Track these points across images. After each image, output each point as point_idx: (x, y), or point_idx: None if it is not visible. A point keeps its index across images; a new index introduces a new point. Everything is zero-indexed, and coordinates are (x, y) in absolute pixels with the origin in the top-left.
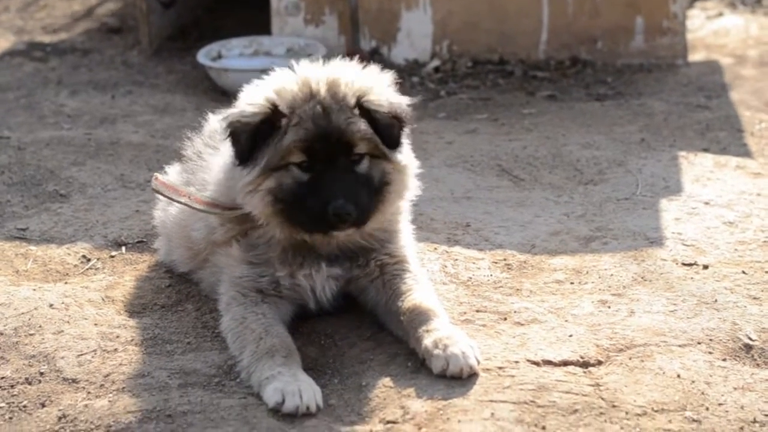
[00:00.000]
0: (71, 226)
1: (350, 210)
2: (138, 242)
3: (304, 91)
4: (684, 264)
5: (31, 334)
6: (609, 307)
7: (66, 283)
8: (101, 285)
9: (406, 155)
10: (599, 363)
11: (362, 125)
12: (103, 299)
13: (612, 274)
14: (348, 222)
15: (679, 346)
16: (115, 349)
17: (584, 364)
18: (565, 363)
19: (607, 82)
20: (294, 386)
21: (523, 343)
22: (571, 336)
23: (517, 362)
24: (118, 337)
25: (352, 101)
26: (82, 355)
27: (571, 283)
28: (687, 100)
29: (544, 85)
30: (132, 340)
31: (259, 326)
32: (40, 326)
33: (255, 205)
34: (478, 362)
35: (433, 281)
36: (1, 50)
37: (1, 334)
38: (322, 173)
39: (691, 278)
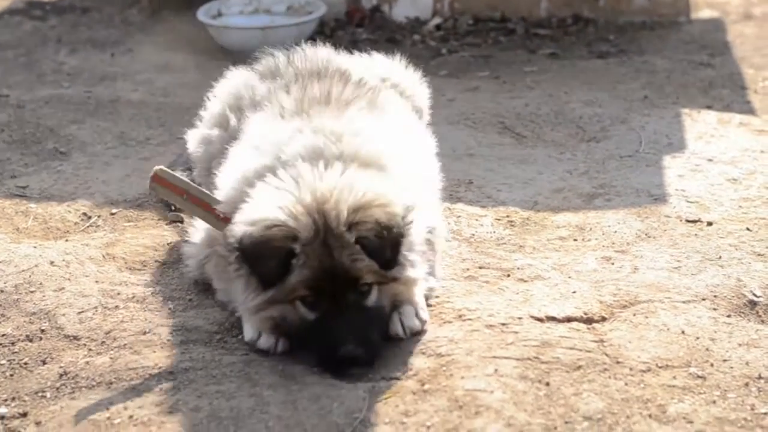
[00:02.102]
0: (71, 183)
1: (360, 353)
2: (138, 199)
3: (314, 222)
4: (688, 221)
5: (31, 291)
6: (613, 264)
7: (66, 240)
8: (102, 242)
9: (412, 263)
10: (603, 319)
11: (366, 260)
12: (103, 256)
13: (615, 231)
14: (359, 365)
15: (684, 302)
16: (116, 306)
17: (588, 321)
18: (569, 319)
19: (610, 39)
20: None
21: (527, 300)
22: (574, 292)
23: (520, 318)
24: (119, 294)
25: (348, 235)
26: (83, 312)
27: (575, 239)
28: (690, 58)
29: (545, 43)
30: (133, 297)
31: None
32: (40, 283)
33: (255, 323)
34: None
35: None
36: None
37: (2, 291)
38: (330, 313)
39: (695, 235)
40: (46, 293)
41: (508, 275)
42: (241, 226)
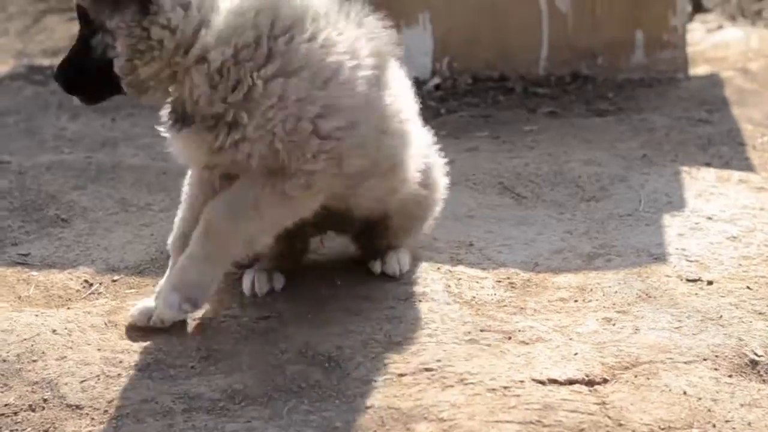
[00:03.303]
0: (73, 250)
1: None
2: (140, 266)
3: None
4: (688, 280)
5: (34, 361)
6: (614, 325)
7: (68, 308)
8: (104, 310)
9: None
10: (605, 381)
11: None
12: (105, 324)
13: (616, 291)
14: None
15: (685, 362)
16: (119, 375)
17: (590, 383)
18: (571, 381)
19: (608, 97)
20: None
21: (528, 362)
22: (576, 354)
23: (522, 381)
24: (121, 362)
25: None
26: (85, 380)
27: (576, 301)
28: (688, 115)
29: (545, 102)
30: (135, 365)
31: None
32: (43, 352)
33: None
34: None
35: (437, 301)
36: (0, 74)
37: (4, 360)
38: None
39: (696, 294)
40: (49, 362)
41: (510, 338)
42: None
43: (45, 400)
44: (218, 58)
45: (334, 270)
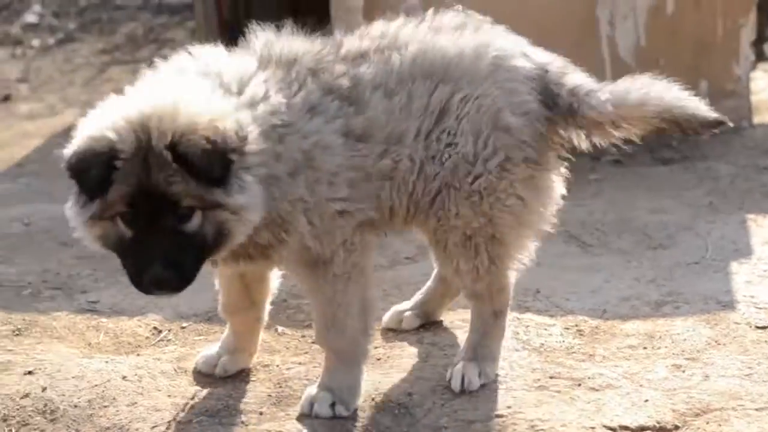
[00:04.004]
0: (142, 298)
1: (168, 277)
2: (208, 313)
3: (136, 137)
4: (757, 327)
5: (105, 406)
6: (683, 372)
7: (138, 354)
8: (173, 356)
9: (244, 188)
10: (676, 428)
11: (186, 183)
12: (175, 370)
13: (685, 339)
14: (167, 289)
15: (756, 409)
16: (189, 421)
17: (661, 429)
18: (642, 428)
19: (673, 145)
20: None
21: (599, 409)
22: (646, 401)
23: (593, 428)
24: (192, 408)
25: (166, 153)
26: (156, 426)
27: (645, 348)
28: (753, 163)
29: (609, 150)
30: (206, 411)
31: None
32: (113, 398)
33: (90, 243)
34: None
35: (506, 348)
36: (67, 124)
37: (76, 406)
38: (145, 233)
39: (766, 341)
40: (120, 408)
41: (579, 384)
42: (72, 143)
43: None
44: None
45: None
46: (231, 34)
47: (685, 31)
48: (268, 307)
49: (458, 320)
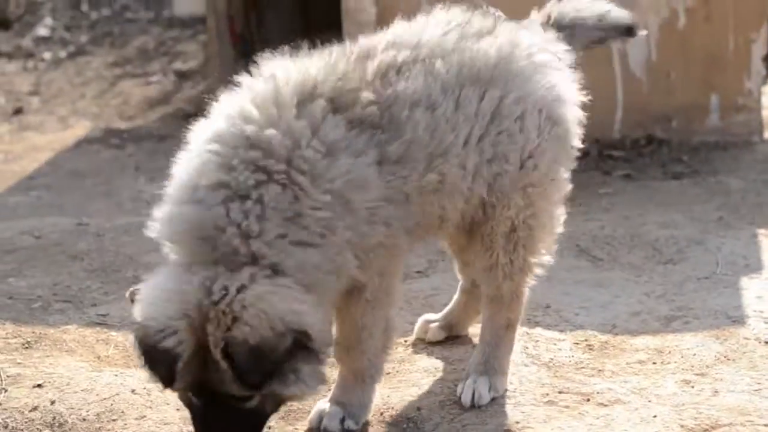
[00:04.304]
0: None
1: None
2: None
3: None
4: (767, 342)
5: (113, 420)
6: (693, 387)
7: None
8: None
9: (301, 378)
10: None
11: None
12: None
13: (695, 354)
14: None
15: (765, 425)
16: None
17: None
18: None
19: (683, 160)
20: None
21: (608, 425)
22: (655, 416)
23: None
24: None
25: (223, 363)
26: None
27: (654, 363)
28: (764, 177)
29: (619, 165)
30: None
31: None
32: (122, 411)
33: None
34: None
35: (515, 363)
36: (78, 137)
37: (84, 419)
38: (210, 405)
39: None
40: (128, 422)
41: (588, 400)
42: (140, 317)
43: None
44: None
45: (411, 331)
46: (243, 48)
47: (696, 46)
48: None
49: (469, 335)
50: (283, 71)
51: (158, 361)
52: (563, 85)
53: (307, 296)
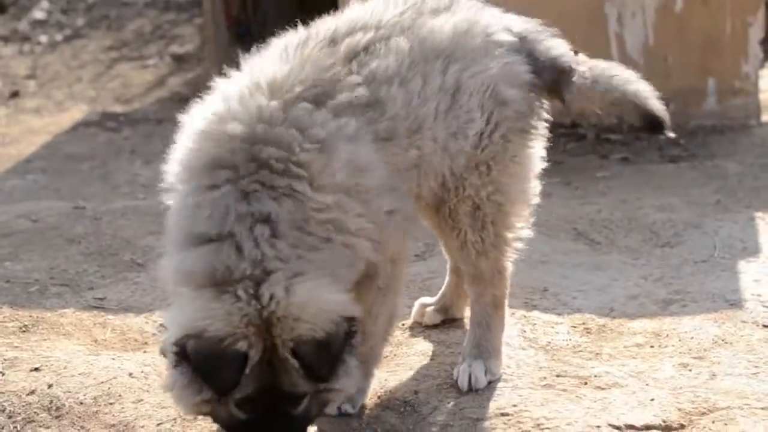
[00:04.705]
0: (149, 294)
1: None
2: None
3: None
4: (765, 326)
5: (110, 403)
6: (690, 371)
7: (145, 351)
8: None
9: (348, 371)
10: (682, 427)
11: (306, 381)
12: None
13: (692, 337)
14: None
15: (762, 408)
16: (195, 418)
17: (667, 428)
18: (648, 427)
19: (681, 143)
20: None
21: (605, 408)
22: (652, 400)
23: (599, 427)
24: None
25: (292, 360)
26: (161, 423)
27: (651, 346)
28: (761, 161)
29: (616, 148)
30: None
31: None
32: (119, 395)
33: (188, 413)
34: None
35: (512, 346)
36: (74, 121)
37: (81, 403)
38: (260, 419)
39: None
40: (125, 405)
41: (586, 383)
42: (184, 333)
43: None
44: None
45: (408, 315)
46: (239, 30)
47: (693, 29)
48: None
49: (464, 318)
50: (256, 79)
51: (223, 367)
52: (517, 66)
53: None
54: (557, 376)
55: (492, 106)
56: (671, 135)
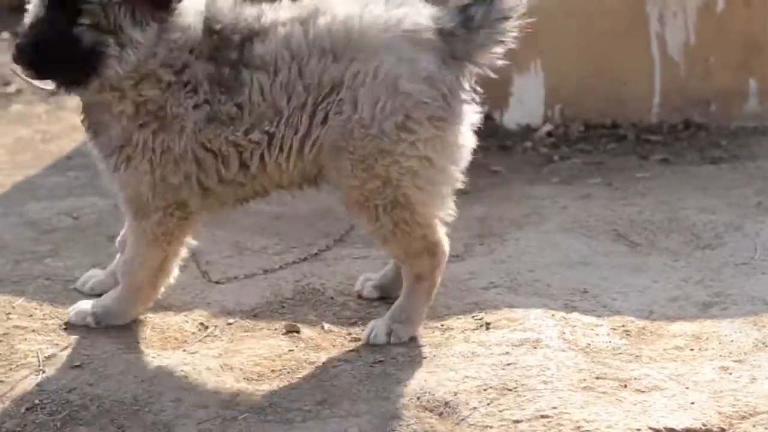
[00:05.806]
0: (188, 293)
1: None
2: (254, 309)
3: None
4: None
5: (150, 402)
6: (730, 374)
7: (184, 350)
8: (219, 352)
9: (146, 28)
10: (722, 430)
11: None
12: (221, 366)
13: (732, 340)
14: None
15: None
16: (235, 417)
17: None
18: (688, 431)
19: (721, 145)
20: None
21: (645, 410)
22: (693, 403)
23: (639, 430)
24: (237, 405)
25: None
26: (201, 423)
27: (691, 349)
28: None
29: (657, 149)
30: (251, 408)
31: None
32: (159, 394)
33: None
34: None
35: (552, 348)
36: None
37: (121, 402)
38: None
39: None
40: (165, 404)
41: (626, 386)
42: None
43: None
44: None
45: (447, 316)
46: None
47: (735, 30)
48: None
49: (504, 319)
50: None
51: None
52: (424, 63)
53: None
54: (597, 378)
55: (387, 98)
56: None
